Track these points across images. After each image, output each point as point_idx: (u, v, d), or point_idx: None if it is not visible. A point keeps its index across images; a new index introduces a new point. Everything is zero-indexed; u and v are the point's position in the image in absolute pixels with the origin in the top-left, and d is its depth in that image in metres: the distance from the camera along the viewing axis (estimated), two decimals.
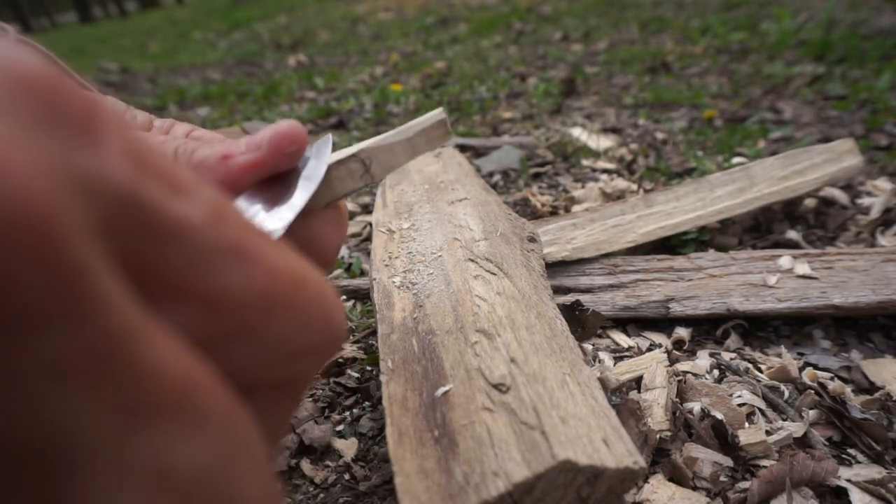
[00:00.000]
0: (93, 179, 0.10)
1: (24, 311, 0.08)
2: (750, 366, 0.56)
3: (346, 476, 0.49)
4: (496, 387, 0.36)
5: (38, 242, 0.08)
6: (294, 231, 0.27)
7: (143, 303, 0.11)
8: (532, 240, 0.60)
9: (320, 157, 0.31)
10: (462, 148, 1.18)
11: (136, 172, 0.11)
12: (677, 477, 0.44)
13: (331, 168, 0.31)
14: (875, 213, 0.79)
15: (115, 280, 0.10)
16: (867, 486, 0.42)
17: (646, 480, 0.44)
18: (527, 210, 0.87)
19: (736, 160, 1.02)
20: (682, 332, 0.61)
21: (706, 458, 0.45)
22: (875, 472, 0.44)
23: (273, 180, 0.29)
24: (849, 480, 0.43)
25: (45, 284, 0.09)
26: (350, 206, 1.00)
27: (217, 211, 0.13)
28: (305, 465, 0.50)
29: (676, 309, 0.61)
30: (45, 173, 0.09)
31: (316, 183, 0.29)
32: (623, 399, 0.50)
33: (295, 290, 0.14)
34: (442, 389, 0.37)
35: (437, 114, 0.33)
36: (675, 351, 0.59)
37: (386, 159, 0.32)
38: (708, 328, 0.63)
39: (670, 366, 0.55)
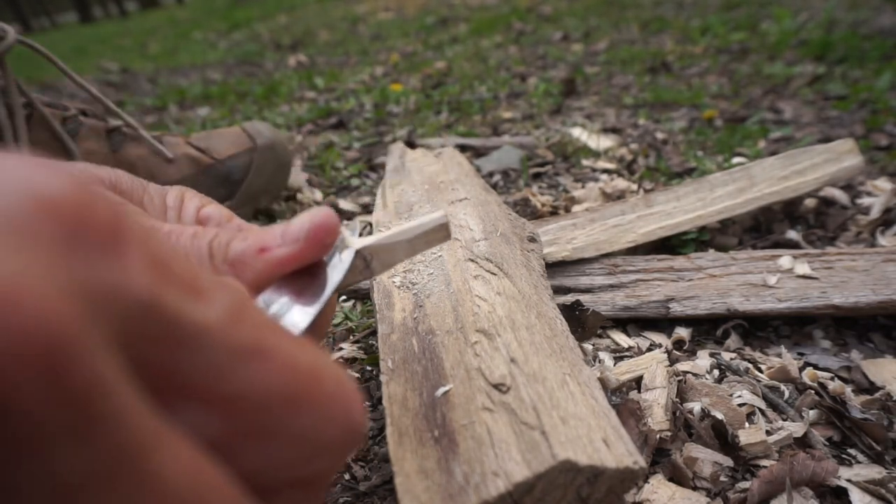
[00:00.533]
0: (113, 293, 0.11)
1: (38, 430, 0.09)
2: (750, 366, 0.56)
3: (346, 476, 0.49)
4: (496, 387, 0.36)
5: (52, 364, 0.09)
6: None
7: (158, 406, 0.11)
8: (532, 240, 0.60)
9: (345, 246, 0.31)
10: (462, 148, 1.18)
11: (156, 281, 0.12)
12: (677, 477, 0.44)
13: None
14: (875, 213, 0.79)
15: (129, 392, 0.10)
16: (867, 486, 0.42)
17: (646, 480, 0.44)
18: (527, 210, 0.87)
19: (736, 160, 1.02)
20: (682, 332, 0.61)
21: (706, 458, 0.45)
22: (875, 472, 0.44)
23: (300, 269, 0.29)
24: (849, 480, 0.43)
25: (59, 404, 0.09)
26: (350, 206, 1.00)
27: (236, 312, 0.13)
28: None
29: (676, 309, 0.61)
30: (62, 295, 0.09)
31: (342, 273, 0.30)
32: (623, 399, 0.50)
33: (315, 387, 0.14)
34: (442, 389, 0.37)
35: (439, 217, 0.34)
36: (675, 351, 0.59)
37: (386, 257, 0.33)
38: (708, 328, 0.63)
39: (670, 366, 0.55)
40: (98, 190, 0.12)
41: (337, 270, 0.30)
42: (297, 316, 0.27)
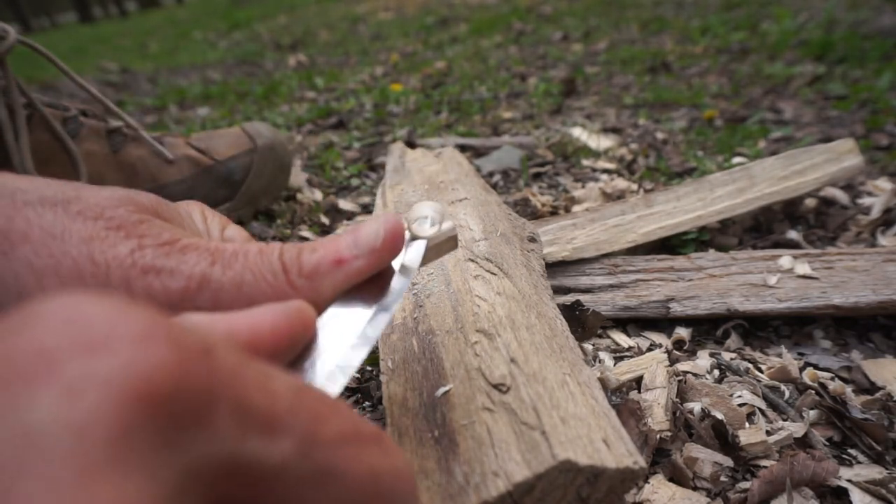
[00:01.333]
0: (205, 463, 0.12)
1: None
2: (750, 366, 0.56)
3: None
4: (496, 387, 0.36)
5: None
6: None
7: None
8: (532, 240, 0.60)
9: (414, 252, 0.32)
10: (462, 148, 1.18)
11: (239, 432, 0.12)
12: (677, 477, 0.44)
13: None
14: (875, 213, 0.79)
15: None
16: (868, 487, 0.42)
17: (646, 480, 0.44)
18: (527, 210, 0.87)
19: (736, 160, 1.02)
20: (683, 332, 0.61)
21: (706, 459, 0.45)
22: (876, 472, 0.44)
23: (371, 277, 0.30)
24: (849, 481, 0.43)
25: None
26: (350, 205, 1.00)
27: (308, 435, 0.14)
28: None
29: (677, 309, 0.61)
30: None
31: (411, 277, 0.30)
32: (623, 399, 0.50)
33: (373, 494, 0.15)
34: (442, 389, 0.37)
35: (449, 230, 0.35)
36: (675, 351, 0.59)
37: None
38: (708, 328, 0.63)
39: (670, 366, 0.55)
40: (192, 340, 0.13)
41: (408, 274, 0.31)
42: (381, 321, 0.27)
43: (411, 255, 0.32)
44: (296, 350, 0.23)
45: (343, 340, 0.26)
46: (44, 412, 0.10)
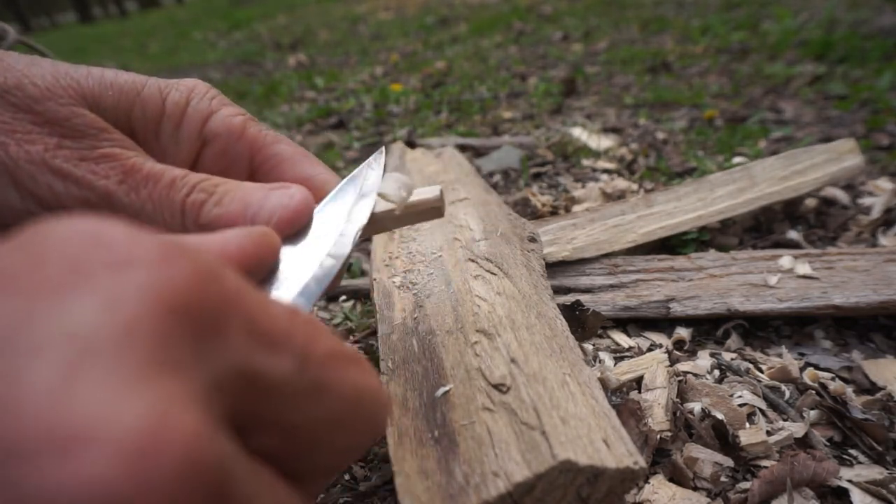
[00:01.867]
0: (224, 374, 0.13)
1: None
2: (750, 366, 0.56)
3: (346, 476, 0.48)
4: (496, 387, 0.36)
5: (205, 481, 0.11)
6: None
7: (239, 442, 0.13)
8: (532, 240, 0.60)
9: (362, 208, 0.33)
10: (462, 148, 1.18)
11: (249, 347, 0.14)
12: (678, 477, 0.44)
13: None
14: (876, 213, 0.79)
15: (242, 458, 0.13)
16: (868, 487, 0.42)
17: (646, 481, 0.44)
18: (527, 210, 0.87)
19: (736, 160, 1.01)
20: (683, 333, 0.61)
21: (707, 459, 0.45)
22: (876, 472, 0.44)
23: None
24: (850, 481, 0.43)
25: (212, 500, 0.11)
26: None
27: (304, 354, 0.15)
28: None
29: (677, 309, 0.61)
30: (198, 415, 0.11)
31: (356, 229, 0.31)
32: (623, 399, 0.50)
33: (356, 411, 0.17)
34: (442, 389, 0.37)
35: (435, 199, 0.35)
36: (675, 351, 0.59)
37: (373, 226, 0.34)
38: (708, 328, 0.62)
39: (671, 366, 0.55)
40: (203, 260, 0.14)
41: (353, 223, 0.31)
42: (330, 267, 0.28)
43: (360, 210, 0.32)
44: (261, 274, 0.25)
45: (304, 271, 0.27)
46: (88, 318, 0.11)
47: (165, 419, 0.11)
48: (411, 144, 1.14)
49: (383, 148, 0.37)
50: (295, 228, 0.30)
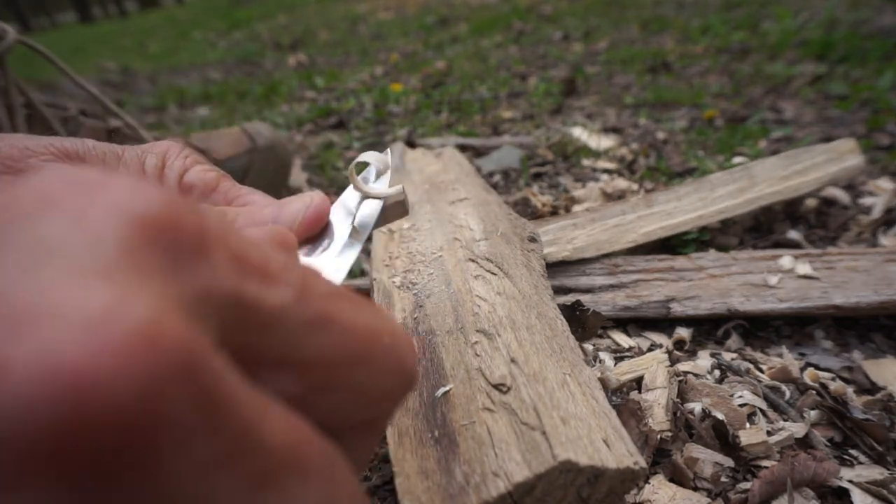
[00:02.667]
0: (208, 294, 0.12)
1: (183, 433, 0.10)
2: (751, 366, 0.56)
3: None
4: (496, 387, 0.36)
5: (193, 382, 0.10)
6: None
7: (248, 379, 0.13)
8: (532, 240, 0.60)
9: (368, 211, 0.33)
10: (462, 148, 1.18)
11: (237, 275, 0.13)
12: (678, 477, 0.44)
13: None
14: (876, 213, 0.79)
15: (235, 376, 0.12)
16: (869, 487, 0.42)
17: (646, 481, 0.44)
18: (527, 210, 0.87)
19: (737, 160, 1.01)
20: (683, 333, 0.61)
21: (707, 459, 0.45)
22: (877, 472, 0.44)
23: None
24: (850, 481, 0.43)
25: (199, 410, 0.11)
26: None
27: (303, 288, 0.15)
28: None
29: (677, 309, 0.61)
30: (182, 316, 0.11)
31: (364, 238, 0.32)
32: (624, 399, 0.50)
33: (372, 345, 0.16)
34: (442, 389, 0.37)
35: (397, 193, 0.34)
36: (675, 351, 0.59)
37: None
38: (709, 328, 0.62)
39: (671, 366, 0.55)
40: (175, 193, 0.14)
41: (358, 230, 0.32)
42: (342, 261, 0.29)
43: (364, 214, 0.32)
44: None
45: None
46: (55, 229, 0.11)
47: (152, 314, 0.10)
48: (411, 144, 1.14)
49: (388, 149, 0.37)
50: (321, 225, 0.30)
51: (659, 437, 0.46)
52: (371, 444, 0.18)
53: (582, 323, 0.60)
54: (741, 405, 0.50)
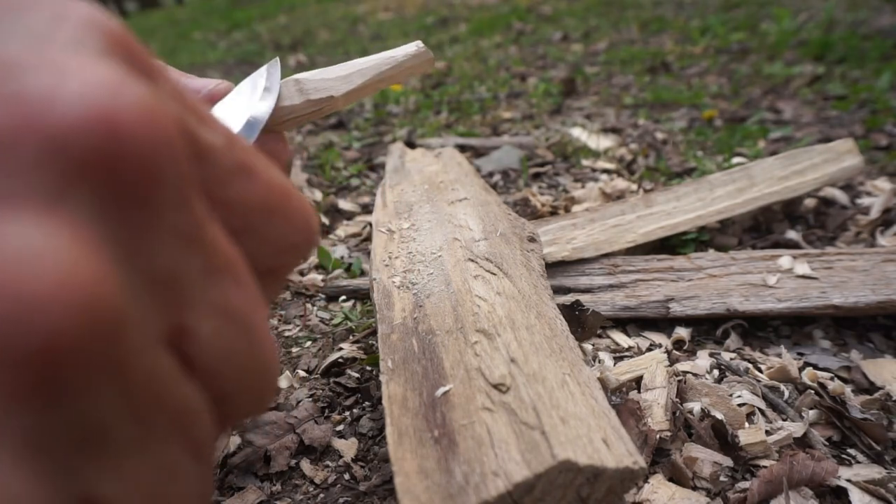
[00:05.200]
0: (166, 111, 0.14)
1: (175, 185, 0.13)
2: (750, 366, 0.56)
3: (346, 476, 0.49)
4: (496, 387, 0.36)
5: (183, 142, 0.13)
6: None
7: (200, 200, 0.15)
8: (532, 240, 0.60)
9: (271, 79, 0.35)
10: (462, 148, 1.18)
11: (180, 107, 0.15)
12: (677, 477, 0.45)
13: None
14: (875, 213, 0.79)
15: (195, 169, 0.14)
16: (867, 487, 0.42)
17: (646, 480, 0.44)
18: (527, 210, 0.87)
19: (736, 160, 1.02)
20: (682, 332, 0.61)
21: (706, 458, 0.45)
22: (875, 472, 0.44)
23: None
24: (849, 480, 0.43)
25: (179, 165, 0.13)
26: (349, 205, 1.00)
27: (229, 138, 0.17)
28: (305, 465, 0.50)
29: (676, 309, 0.61)
30: (166, 113, 0.13)
31: (275, 95, 0.33)
32: (623, 399, 0.50)
33: (285, 201, 0.18)
34: (442, 389, 0.37)
35: (419, 50, 0.35)
36: (675, 351, 0.59)
37: (321, 85, 0.35)
38: (708, 328, 0.63)
39: (670, 366, 0.55)
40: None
41: (271, 92, 0.33)
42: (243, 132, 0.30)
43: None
44: None
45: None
46: (42, 23, 0.13)
47: (133, 83, 0.12)
48: (411, 144, 1.14)
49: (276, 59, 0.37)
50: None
51: (658, 436, 0.46)
52: (272, 293, 0.20)
53: (581, 323, 0.60)
54: (740, 405, 0.50)
